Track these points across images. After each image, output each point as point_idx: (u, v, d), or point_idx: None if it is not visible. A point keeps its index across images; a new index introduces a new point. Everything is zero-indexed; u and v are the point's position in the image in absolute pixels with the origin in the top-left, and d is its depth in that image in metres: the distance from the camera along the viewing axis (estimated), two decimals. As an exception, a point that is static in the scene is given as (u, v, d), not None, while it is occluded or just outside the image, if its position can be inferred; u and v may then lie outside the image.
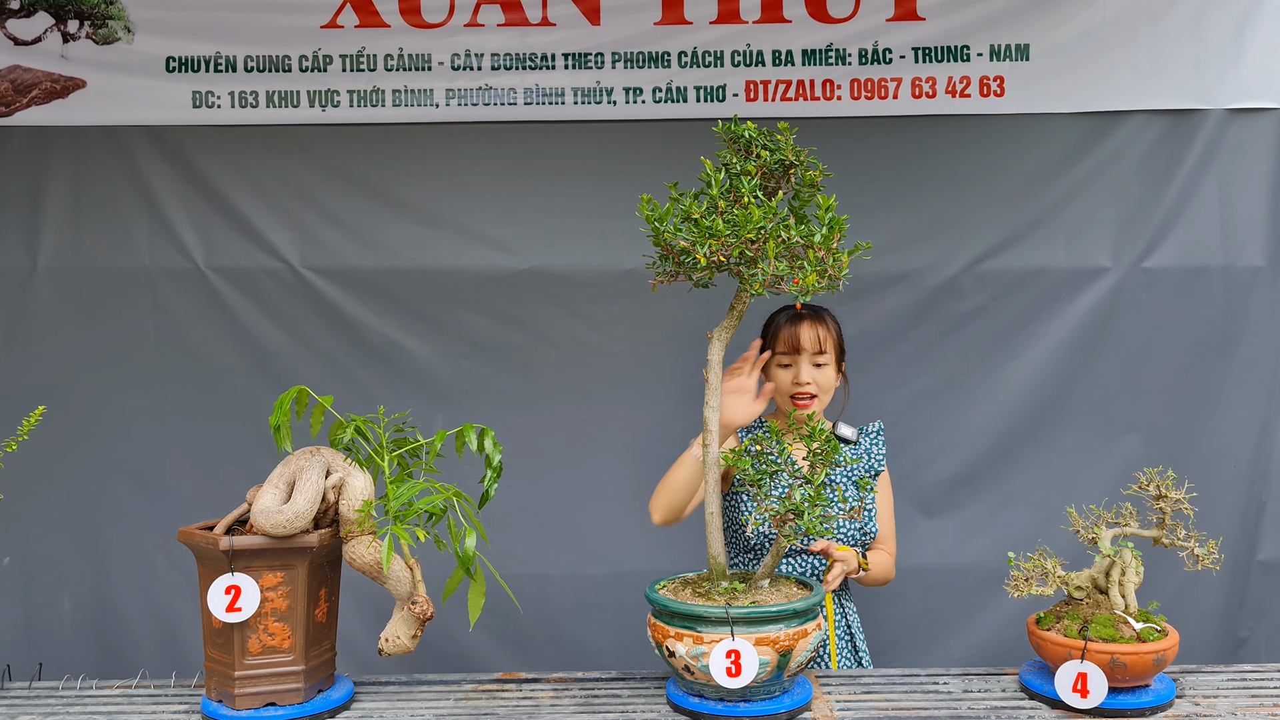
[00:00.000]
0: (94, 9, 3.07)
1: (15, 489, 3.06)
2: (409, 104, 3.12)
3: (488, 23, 3.12)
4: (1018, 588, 1.90)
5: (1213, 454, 3.10)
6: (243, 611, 1.76)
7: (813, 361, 2.38)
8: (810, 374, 2.37)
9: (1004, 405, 3.13)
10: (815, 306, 2.49)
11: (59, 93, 3.08)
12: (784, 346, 2.39)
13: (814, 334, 2.38)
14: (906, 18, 3.11)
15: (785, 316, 2.43)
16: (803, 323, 2.38)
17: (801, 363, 2.37)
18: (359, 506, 1.79)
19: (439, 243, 3.13)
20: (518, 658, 3.09)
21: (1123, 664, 1.77)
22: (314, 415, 1.87)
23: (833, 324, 2.45)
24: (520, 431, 3.09)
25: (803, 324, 2.38)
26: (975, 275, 3.13)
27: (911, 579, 3.12)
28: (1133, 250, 3.12)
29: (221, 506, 1.91)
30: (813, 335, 2.37)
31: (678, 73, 3.12)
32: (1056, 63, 3.11)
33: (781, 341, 2.39)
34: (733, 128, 1.87)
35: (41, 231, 3.11)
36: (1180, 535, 1.92)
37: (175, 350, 3.12)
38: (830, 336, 2.41)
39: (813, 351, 2.38)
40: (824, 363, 2.39)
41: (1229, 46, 3.10)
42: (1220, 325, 3.11)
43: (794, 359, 2.38)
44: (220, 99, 3.10)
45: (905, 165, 3.14)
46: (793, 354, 2.38)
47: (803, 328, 2.38)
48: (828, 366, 2.40)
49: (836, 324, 2.47)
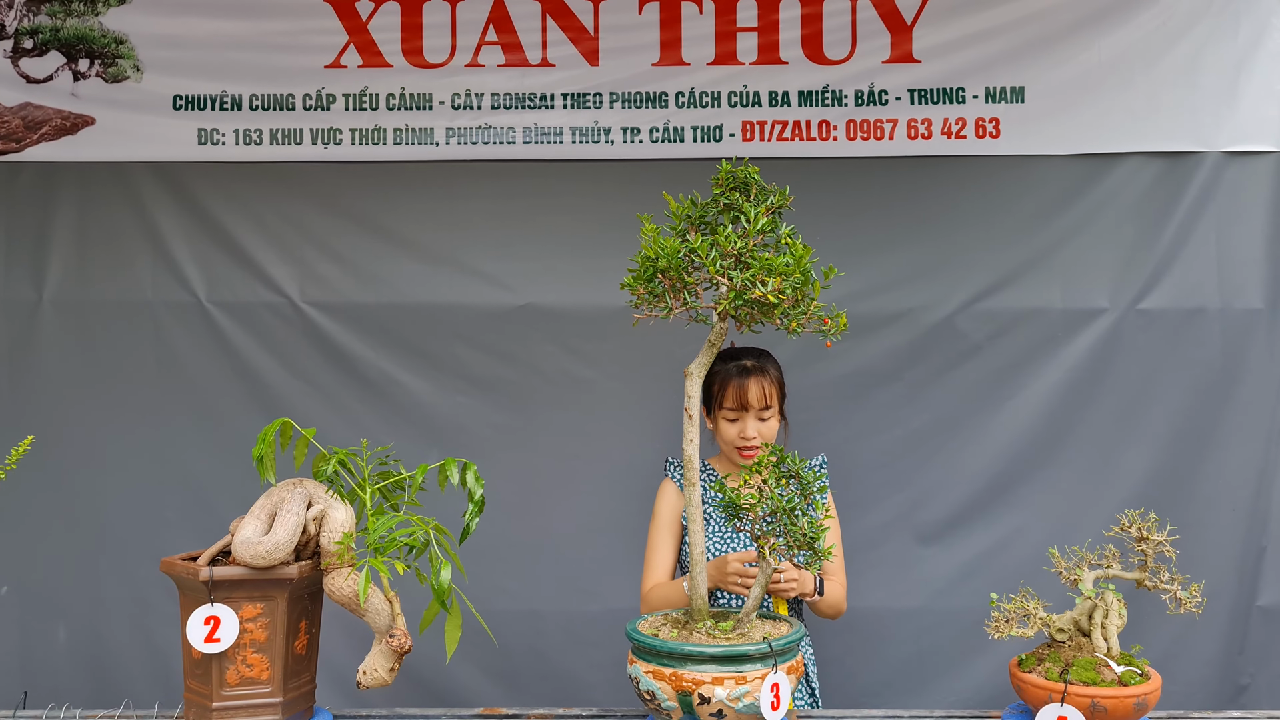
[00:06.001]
0: (104, 48, 3.14)
1: (14, 519, 3.11)
2: (410, 142, 3.17)
3: (488, 63, 3.17)
4: (998, 629, 1.89)
5: (1211, 498, 3.07)
6: (221, 642, 1.77)
7: (758, 416, 2.46)
8: (756, 428, 2.45)
9: (1000, 446, 3.11)
10: (759, 351, 2.54)
11: (69, 129, 3.15)
12: (731, 403, 2.46)
13: (760, 390, 2.45)
14: (902, 60, 3.15)
15: (733, 370, 2.48)
16: (749, 378, 2.45)
17: (748, 418, 2.45)
18: (339, 539, 1.80)
19: (437, 279, 3.16)
20: (510, 694, 3.08)
21: (1103, 708, 1.75)
22: (298, 447, 1.89)
23: (775, 371, 2.52)
24: (514, 467, 3.09)
25: (749, 380, 2.45)
26: (971, 315, 3.13)
27: (906, 620, 3.10)
28: (1129, 292, 3.11)
29: (215, 538, 1.93)
30: (759, 392, 2.45)
31: (675, 113, 3.16)
32: (1052, 105, 3.12)
33: (729, 397, 2.46)
34: (736, 171, 1.90)
35: (48, 264, 3.16)
36: (1163, 578, 1.91)
37: (176, 382, 3.15)
38: (775, 388, 2.48)
39: (759, 408, 2.45)
40: (768, 416, 2.47)
41: (1225, 90, 3.11)
42: (1218, 367, 3.09)
43: (740, 415, 2.46)
44: (225, 136, 3.16)
45: (901, 206, 3.15)
46: (739, 410, 2.46)
47: (750, 384, 2.45)
48: (772, 419, 2.48)
49: (778, 369, 2.54)
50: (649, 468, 2.86)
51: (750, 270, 1.79)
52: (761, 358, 2.52)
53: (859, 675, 3.07)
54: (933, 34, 3.13)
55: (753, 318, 1.85)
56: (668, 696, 1.76)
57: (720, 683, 1.73)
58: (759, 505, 1.83)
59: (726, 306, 1.82)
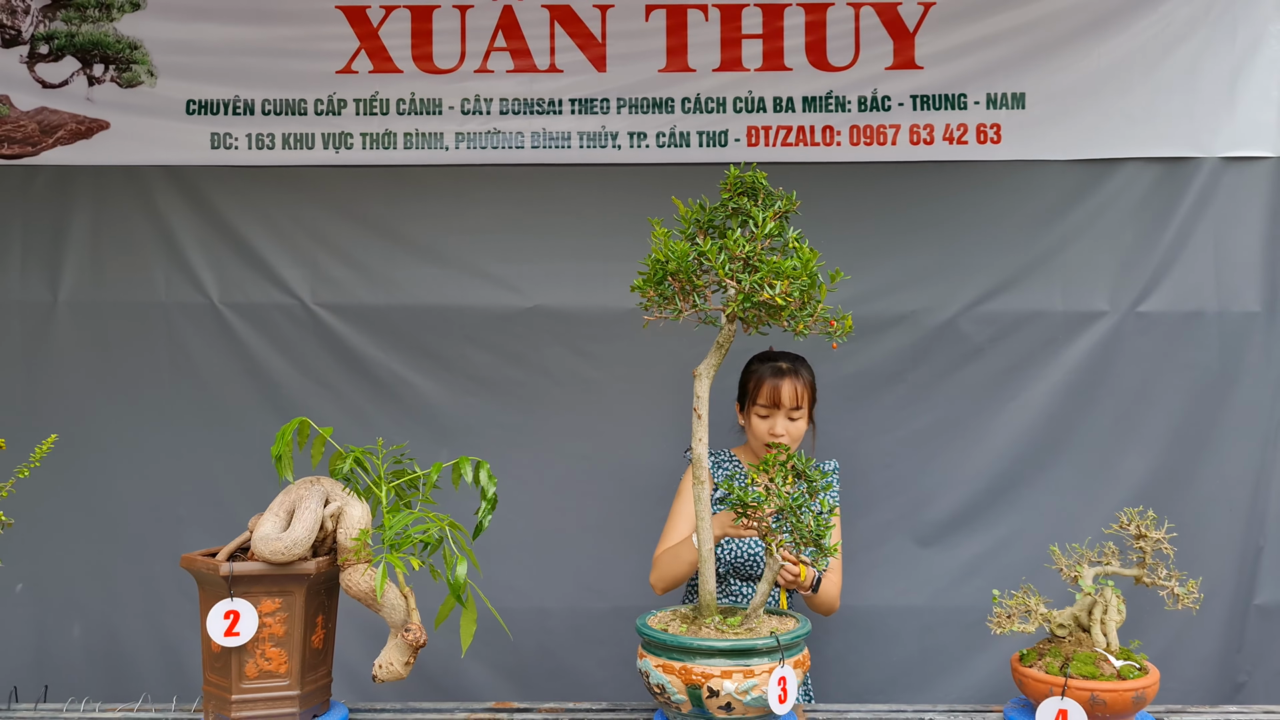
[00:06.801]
0: (119, 54, 3.19)
1: (31, 517, 3.14)
2: (420, 146, 3.21)
3: (497, 69, 3.21)
4: (1000, 624, 1.93)
5: (1209, 498, 3.11)
6: (241, 636, 1.81)
7: (788, 415, 2.54)
8: (785, 426, 2.54)
9: (1001, 446, 3.15)
10: (794, 356, 2.59)
11: (84, 133, 3.19)
12: (765, 400, 2.55)
13: (793, 390, 2.53)
14: (905, 66, 3.19)
15: (769, 370, 2.56)
16: (784, 379, 2.54)
17: (779, 416, 2.53)
18: (356, 535, 1.84)
19: (446, 281, 3.21)
20: (518, 690, 3.12)
21: (1102, 701, 1.79)
22: (315, 446, 1.93)
23: (808, 375, 2.60)
24: (523, 466, 3.14)
25: (784, 380, 2.54)
26: (973, 318, 3.17)
27: (908, 619, 3.14)
28: (1129, 295, 3.15)
29: (229, 536, 1.97)
30: (792, 391, 2.53)
31: (681, 118, 3.21)
32: (1052, 111, 3.17)
33: (764, 395, 2.55)
34: (744, 176, 1.94)
35: (63, 266, 3.20)
36: (1161, 574, 1.95)
37: (189, 383, 3.20)
38: (806, 390, 2.57)
39: (790, 407, 2.53)
40: (799, 416, 2.55)
41: (1222, 96, 3.15)
42: (1216, 369, 3.13)
43: (773, 412, 2.55)
44: (238, 140, 3.21)
45: (903, 210, 3.19)
46: (772, 408, 2.54)
47: (784, 384, 2.53)
48: (801, 420, 2.56)
49: (811, 374, 2.62)
50: (656, 468, 2.91)
51: (758, 273, 1.83)
52: (797, 362, 2.60)
53: (862, 673, 3.10)
54: (935, 41, 3.18)
55: (760, 320, 1.89)
56: (677, 690, 1.80)
57: (729, 676, 1.77)
58: (767, 503, 1.87)
59: (735, 309, 1.86)
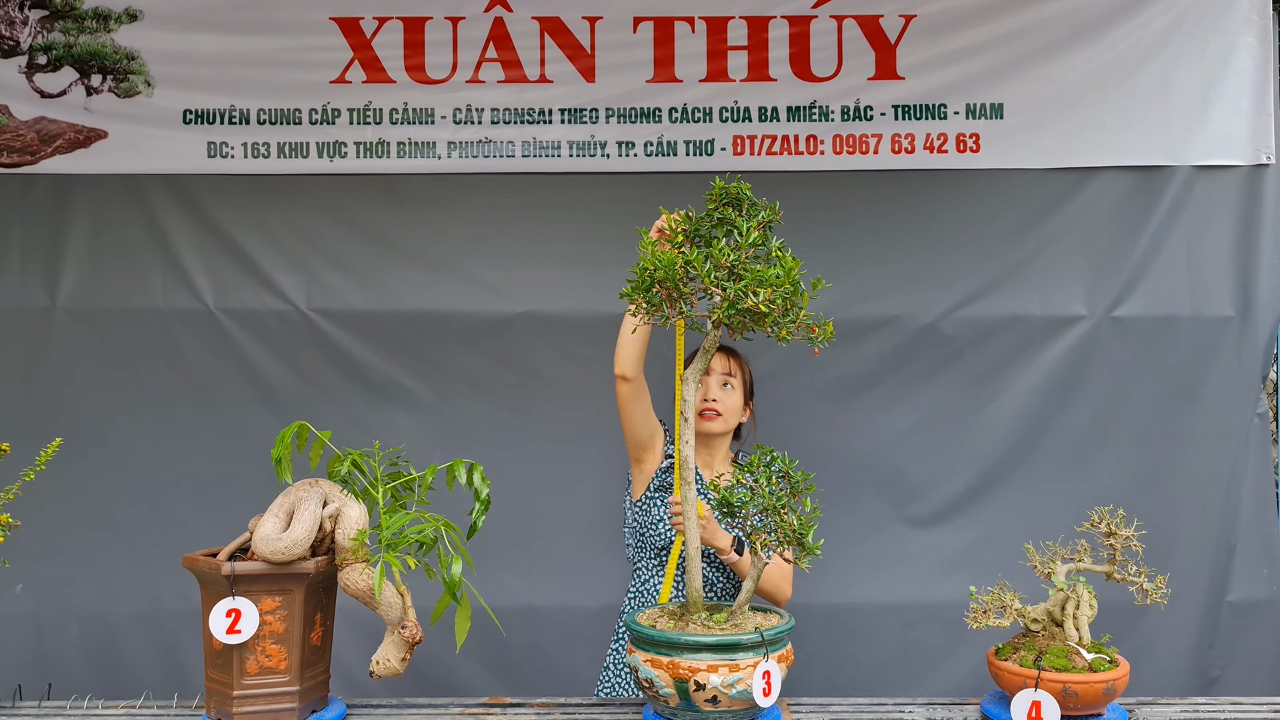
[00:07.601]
0: (116, 64, 3.24)
1: (30, 519, 3.17)
2: (412, 155, 3.27)
3: (488, 79, 3.28)
4: (976, 619, 2.00)
5: (1183, 498, 3.19)
6: (242, 633, 1.86)
7: (721, 381, 2.61)
8: (718, 393, 2.61)
9: (980, 447, 3.23)
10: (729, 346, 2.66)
11: (82, 143, 3.24)
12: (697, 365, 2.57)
13: (725, 361, 2.64)
14: (887, 77, 3.27)
15: None
16: (718, 350, 2.60)
17: (711, 382, 2.61)
18: (354, 535, 1.90)
19: (439, 287, 3.26)
20: (508, 687, 3.16)
21: (1074, 693, 1.86)
22: (313, 449, 1.98)
23: (742, 359, 2.70)
24: (514, 468, 3.17)
25: (717, 351, 2.59)
26: (953, 321, 3.24)
27: (890, 616, 3.21)
28: (1104, 299, 3.23)
29: (227, 537, 2.01)
30: (723, 361, 2.63)
31: (668, 128, 3.27)
32: (1030, 121, 3.25)
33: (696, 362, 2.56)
34: (729, 187, 2.00)
35: (61, 273, 3.25)
36: (1131, 570, 2.02)
37: (186, 387, 3.24)
38: (738, 366, 2.66)
39: (722, 372, 2.62)
40: (732, 385, 2.63)
41: (1195, 107, 3.23)
42: (1190, 372, 3.21)
43: (704, 379, 2.60)
44: (234, 149, 3.26)
45: (885, 217, 3.27)
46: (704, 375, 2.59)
47: (717, 355, 2.60)
48: (735, 392, 2.63)
49: (748, 367, 2.71)
50: (643, 469, 2.95)
51: (743, 281, 1.89)
52: (736, 348, 2.69)
53: (846, 668, 3.17)
54: (916, 52, 3.25)
55: (745, 326, 1.95)
56: (665, 684, 1.86)
57: (715, 670, 1.83)
58: (751, 503, 1.94)
59: (720, 315, 1.93)
